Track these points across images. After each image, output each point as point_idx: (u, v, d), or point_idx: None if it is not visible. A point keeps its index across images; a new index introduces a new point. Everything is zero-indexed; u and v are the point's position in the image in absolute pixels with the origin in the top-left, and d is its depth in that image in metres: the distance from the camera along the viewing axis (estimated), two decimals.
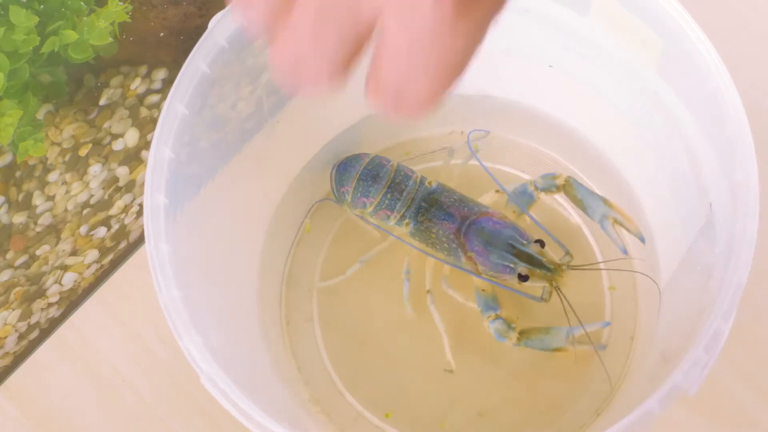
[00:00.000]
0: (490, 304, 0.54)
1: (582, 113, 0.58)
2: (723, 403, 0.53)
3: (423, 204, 0.56)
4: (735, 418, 0.53)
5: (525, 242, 0.53)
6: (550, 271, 0.53)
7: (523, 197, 0.56)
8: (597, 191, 0.58)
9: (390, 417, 0.54)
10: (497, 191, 0.58)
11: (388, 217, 0.57)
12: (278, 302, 0.58)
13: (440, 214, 0.55)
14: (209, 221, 0.50)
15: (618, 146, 0.57)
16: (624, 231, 0.55)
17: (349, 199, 0.58)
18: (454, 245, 0.55)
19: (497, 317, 0.53)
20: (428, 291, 0.56)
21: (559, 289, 0.53)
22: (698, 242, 0.48)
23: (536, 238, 0.54)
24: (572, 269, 0.53)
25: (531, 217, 0.56)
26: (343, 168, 0.58)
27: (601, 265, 0.56)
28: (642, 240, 0.54)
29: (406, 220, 0.56)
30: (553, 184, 0.56)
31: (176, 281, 0.43)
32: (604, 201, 0.55)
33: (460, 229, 0.55)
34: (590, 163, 0.59)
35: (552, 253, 0.54)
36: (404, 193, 0.56)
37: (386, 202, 0.56)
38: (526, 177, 0.60)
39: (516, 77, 0.58)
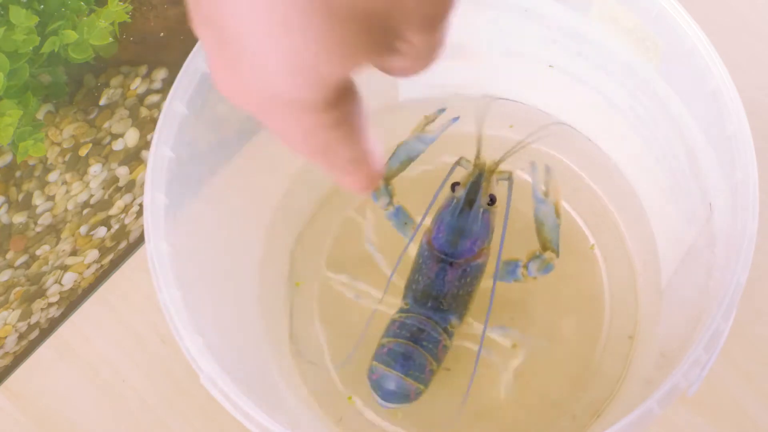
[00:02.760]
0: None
1: (582, 113, 0.58)
2: (723, 403, 0.53)
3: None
4: (735, 418, 0.53)
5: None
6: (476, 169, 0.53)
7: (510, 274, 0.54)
8: (598, 191, 0.59)
9: (389, 414, 0.54)
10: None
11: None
12: (278, 302, 0.58)
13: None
14: (209, 221, 0.50)
15: (618, 146, 0.57)
16: None
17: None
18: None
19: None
20: None
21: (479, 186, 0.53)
22: (698, 242, 0.48)
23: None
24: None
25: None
26: None
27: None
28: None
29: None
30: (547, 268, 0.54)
31: (176, 281, 0.43)
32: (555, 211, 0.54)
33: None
34: (590, 162, 0.59)
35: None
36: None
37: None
38: (526, 177, 0.60)
39: (516, 77, 0.58)
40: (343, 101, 0.25)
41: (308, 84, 0.23)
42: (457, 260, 0.52)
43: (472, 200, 0.53)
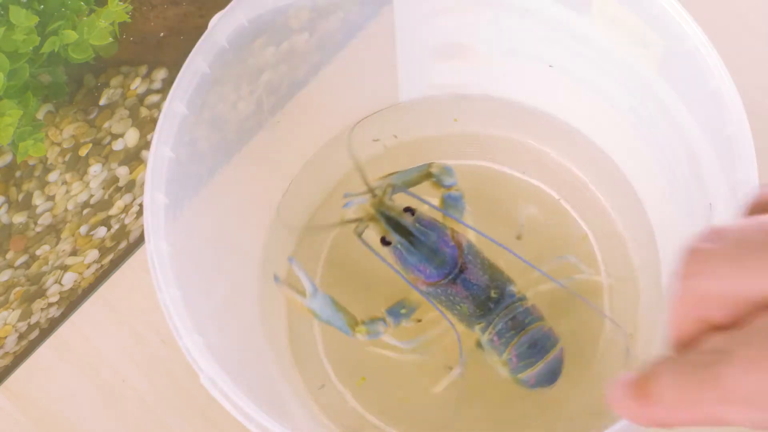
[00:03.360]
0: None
1: (582, 113, 0.58)
2: None
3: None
4: None
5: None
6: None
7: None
8: (598, 191, 0.59)
9: (388, 414, 0.54)
10: None
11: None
12: (278, 302, 0.58)
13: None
14: (209, 221, 0.50)
15: (618, 146, 0.57)
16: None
17: None
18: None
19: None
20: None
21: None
22: None
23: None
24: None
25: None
26: None
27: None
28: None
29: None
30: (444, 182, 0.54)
31: (176, 281, 0.43)
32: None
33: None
34: (590, 162, 0.59)
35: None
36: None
37: None
38: (525, 178, 0.60)
39: (516, 77, 0.58)
40: None
41: None
42: (457, 267, 0.52)
43: (404, 229, 0.52)
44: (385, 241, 0.52)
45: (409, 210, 0.52)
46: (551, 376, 0.52)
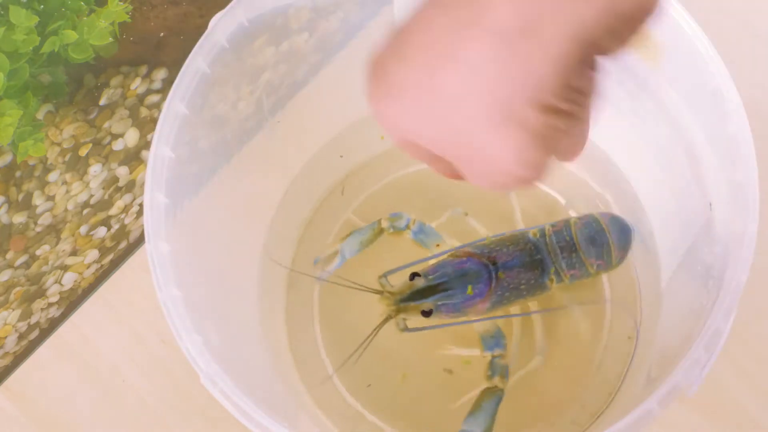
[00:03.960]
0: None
1: None
2: (723, 403, 0.53)
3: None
4: (735, 418, 0.53)
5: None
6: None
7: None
8: (599, 191, 0.59)
9: (390, 416, 0.54)
10: None
11: None
12: (278, 302, 0.58)
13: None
14: (209, 221, 0.50)
15: (618, 146, 0.57)
16: None
17: None
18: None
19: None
20: None
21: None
22: (698, 242, 0.48)
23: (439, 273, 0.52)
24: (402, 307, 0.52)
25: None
26: None
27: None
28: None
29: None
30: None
31: (176, 280, 0.43)
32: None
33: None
34: (590, 162, 0.59)
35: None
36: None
37: None
38: None
39: None
40: None
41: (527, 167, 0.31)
42: (488, 266, 0.52)
43: (428, 292, 0.52)
44: (425, 313, 0.52)
45: (415, 274, 0.52)
46: (625, 235, 0.54)
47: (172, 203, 0.45)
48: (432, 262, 0.53)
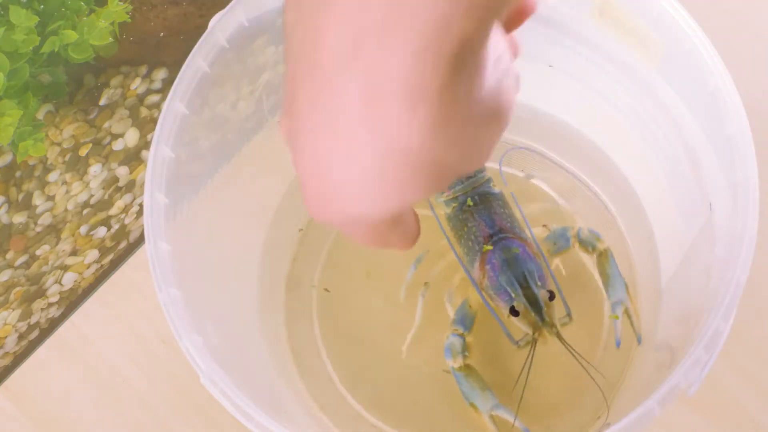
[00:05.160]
0: (466, 321, 0.53)
1: (582, 113, 0.57)
2: (723, 403, 0.53)
3: (476, 197, 0.56)
4: (735, 418, 0.53)
5: (539, 284, 0.52)
6: (541, 322, 0.51)
7: (560, 240, 0.55)
8: (598, 191, 0.58)
9: (390, 416, 0.54)
10: (544, 225, 0.57)
11: (442, 192, 0.56)
12: (278, 302, 0.58)
13: (484, 215, 0.55)
14: (209, 220, 0.50)
15: (618, 146, 0.57)
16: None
17: None
18: (477, 248, 0.54)
19: (461, 335, 0.53)
20: (426, 283, 0.56)
21: (535, 343, 0.51)
22: (698, 242, 0.48)
23: (552, 288, 0.52)
24: (559, 338, 0.51)
25: (547, 265, 0.54)
26: None
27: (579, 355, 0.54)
28: (639, 341, 0.53)
29: (454, 204, 0.56)
30: (593, 244, 0.55)
31: (176, 280, 0.43)
32: (626, 288, 0.54)
33: (492, 237, 0.54)
34: (590, 162, 0.59)
35: (556, 309, 0.52)
36: (469, 180, 0.56)
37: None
38: (525, 177, 0.60)
39: None
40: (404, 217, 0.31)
41: (389, 212, 0.27)
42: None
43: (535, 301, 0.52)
44: (551, 297, 0.52)
45: (550, 293, 0.52)
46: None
47: (172, 203, 0.45)
48: (530, 270, 0.53)
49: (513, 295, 0.51)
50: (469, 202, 0.55)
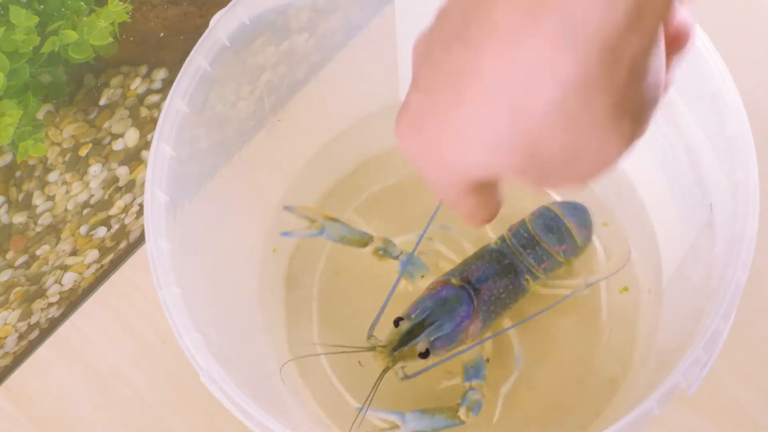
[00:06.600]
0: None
1: None
2: (723, 403, 0.53)
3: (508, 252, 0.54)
4: (735, 418, 0.53)
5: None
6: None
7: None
8: (597, 191, 0.59)
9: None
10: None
11: None
12: (278, 301, 0.58)
13: (488, 272, 0.53)
14: (210, 219, 0.50)
15: None
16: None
17: None
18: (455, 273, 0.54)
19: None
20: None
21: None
22: (698, 242, 0.48)
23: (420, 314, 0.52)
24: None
25: None
26: None
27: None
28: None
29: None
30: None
31: (176, 279, 0.43)
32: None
33: (469, 282, 0.53)
34: None
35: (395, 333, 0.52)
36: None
37: None
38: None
39: None
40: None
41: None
42: (467, 288, 0.53)
43: (418, 331, 0.51)
44: (422, 355, 0.51)
45: (399, 319, 0.52)
46: (580, 214, 0.55)
47: (173, 201, 0.45)
48: (409, 303, 0.53)
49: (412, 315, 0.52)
50: (507, 237, 0.55)
